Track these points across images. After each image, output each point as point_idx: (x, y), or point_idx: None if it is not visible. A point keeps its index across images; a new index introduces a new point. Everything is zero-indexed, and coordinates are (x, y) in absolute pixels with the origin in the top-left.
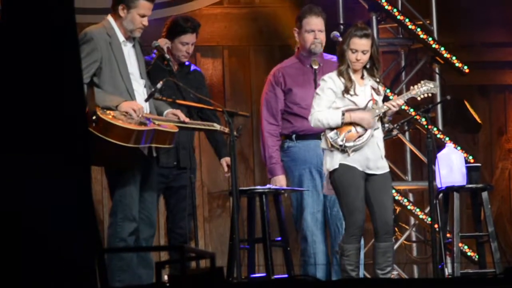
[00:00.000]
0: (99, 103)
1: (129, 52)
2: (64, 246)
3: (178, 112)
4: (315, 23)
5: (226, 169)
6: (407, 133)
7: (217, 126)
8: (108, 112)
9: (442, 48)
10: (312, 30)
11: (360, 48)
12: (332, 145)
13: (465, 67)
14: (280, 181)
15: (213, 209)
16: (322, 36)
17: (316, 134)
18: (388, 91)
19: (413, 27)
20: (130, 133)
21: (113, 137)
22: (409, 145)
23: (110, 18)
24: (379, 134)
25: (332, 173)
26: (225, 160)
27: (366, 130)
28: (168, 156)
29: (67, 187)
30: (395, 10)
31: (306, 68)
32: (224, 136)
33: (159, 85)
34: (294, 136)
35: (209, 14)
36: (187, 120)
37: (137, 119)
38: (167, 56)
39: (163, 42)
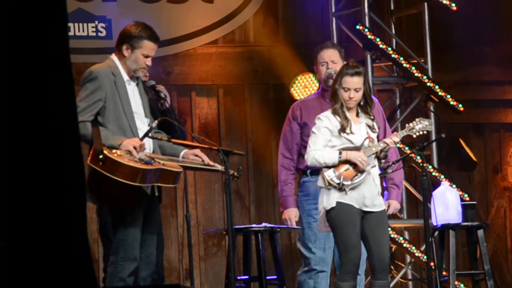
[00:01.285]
0: (104, 142)
1: (133, 91)
2: (59, 286)
3: (200, 152)
4: (327, 55)
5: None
6: (402, 171)
7: (218, 167)
8: (114, 151)
9: (437, 86)
10: (325, 62)
11: (352, 86)
12: (329, 183)
13: (460, 105)
14: (289, 214)
15: (209, 248)
16: (336, 67)
17: None
18: None
19: (407, 65)
20: (136, 172)
21: (120, 176)
22: (404, 183)
23: (114, 57)
24: (375, 171)
25: (329, 211)
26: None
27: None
28: None
29: (62, 226)
30: (389, 48)
31: (326, 102)
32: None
33: (154, 124)
34: (308, 171)
35: (204, 53)
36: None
37: (138, 156)
38: (162, 95)
39: None
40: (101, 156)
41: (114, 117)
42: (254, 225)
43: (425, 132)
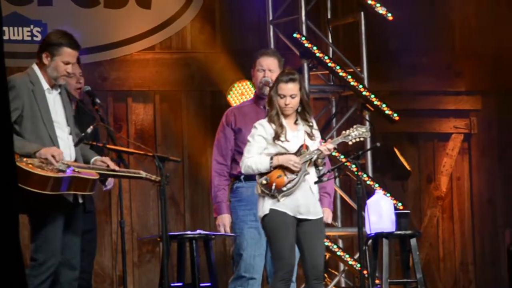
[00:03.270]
0: (17, 151)
1: (54, 100)
2: None
3: (107, 159)
4: (266, 63)
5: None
6: (337, 180)
7: (143, 174)
8: (25, 159)
9: (372, 96)
10: (262, 69)
11: (287, 92)
12: (262, 191)
13: (395, 115)
14: (223, 220)
15: (143, 254)
16: (273, 76)
17: None
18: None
19: (344, 74)
20: (46, 181)
21: (30, 184)
22: (339, 191)
23: (34, 66)
24: (311, 179)
25: (263, 218)
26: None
27: (296, 175)
28: None
29: None
30: (326, 57)
31: (260, 109)
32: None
33: (89, 130)
34: (242, 177)
35: (140, 59)
36: (116, 168)
37: (57, 165)
38: (98, 101)
39: None
40: None
41: (32, 126)
42: (188, 232)
43: (361, 139)
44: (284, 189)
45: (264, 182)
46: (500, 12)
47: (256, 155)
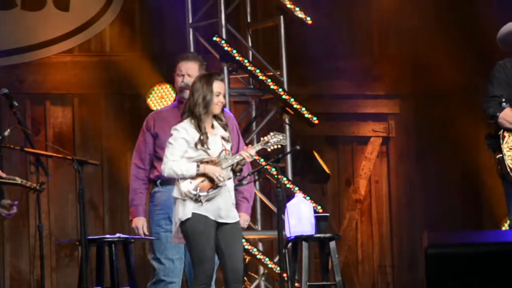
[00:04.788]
0: None
1: None
2: None
3: None
4: (185, 67)
5: None
6: (257, 183)
7: (18, 180)
8: None
9: (292, 99)
10: (181, 74)
11: (222, 90)
12: (185, 194)
13: (314, 118)
14: (137, 222)
15: (61, 259)
16: (192, 80)
17: None
18: None
19: (263, 78)
20: None
21: None
22: (259, 195)
23: None
24: (230, 184)
25: (184, 222)
26: None
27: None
28: None
29: None
30: (246, 60)
31: (180, 113)
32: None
33: (6, 133)
34: (159, 182)
35: (59, 62)
36: (3, 175)
37: None
38: (16, 104)
39: None
40: None
41: None
42: (107, 236)
43: (279, 146)
44: (208, 193)
45: (188, 186)
46: (418, 17)
47: (179, 158)
